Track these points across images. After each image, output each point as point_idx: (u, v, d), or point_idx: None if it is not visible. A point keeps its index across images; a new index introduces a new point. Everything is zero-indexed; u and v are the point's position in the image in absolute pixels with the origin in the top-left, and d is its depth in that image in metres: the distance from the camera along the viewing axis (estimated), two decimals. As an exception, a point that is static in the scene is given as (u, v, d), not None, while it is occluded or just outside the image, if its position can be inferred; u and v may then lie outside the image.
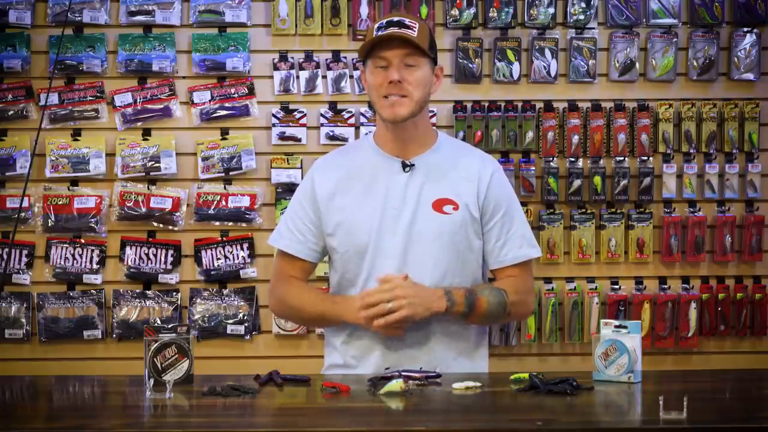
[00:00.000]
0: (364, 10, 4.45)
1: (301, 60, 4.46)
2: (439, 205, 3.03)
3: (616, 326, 2.78)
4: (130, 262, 4.42)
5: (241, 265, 4.43)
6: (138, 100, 4.43)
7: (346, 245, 3.04)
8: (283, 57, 4.46)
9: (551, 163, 4.47)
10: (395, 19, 2.99)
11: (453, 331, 3.05)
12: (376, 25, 2.99)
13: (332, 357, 3.12)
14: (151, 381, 2.64)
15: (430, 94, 3.04)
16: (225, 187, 4.44)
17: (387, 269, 3.00)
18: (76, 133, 4.43)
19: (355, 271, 3.05)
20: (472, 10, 4.45)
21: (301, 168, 4.40)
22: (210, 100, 4.45)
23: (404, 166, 3.06)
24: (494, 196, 3.07)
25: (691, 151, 4.51)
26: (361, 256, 3.03)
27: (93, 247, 4.42)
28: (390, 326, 2.91)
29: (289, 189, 4.39)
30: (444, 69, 3.15)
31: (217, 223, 4.44)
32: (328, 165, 3.16)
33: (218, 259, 4.43)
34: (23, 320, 4.39)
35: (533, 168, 4.47)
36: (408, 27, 2.96)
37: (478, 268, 3.10)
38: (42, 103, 4.35)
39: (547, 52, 4.48)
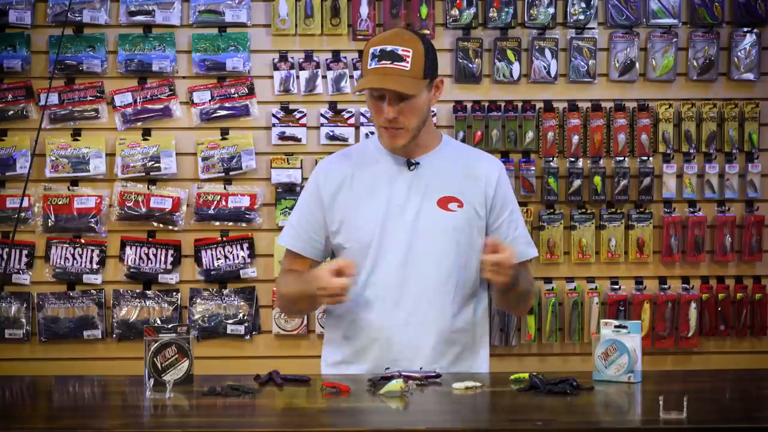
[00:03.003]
0: (364, 10, 4.45)
1: (301, 60, 4.46)
2: (444, 203, 3.04)
3: (616, 326, 2.78)
4: (130, 262, 4.42)
5: (241, 265, 4.43)
6: (138, 100, 4.43)
7: (350, 241, 3.05)
8: (283, 57, 4.46)
9: (551, 163, 4.47)
10: (388, 48, 2.95)
11: (454, 329, 3.05)
12: (371, 52, 2.97)
13: (331, 354, 3.12)
14: (151, 381, 2.64)
15: (429, 110, 3.05)
16: (225, 187, 4.44)
17: (390, 266, 3.01)
18: (76, 133, 4.43)
19: (358, 268, 3.05)
20: (472, 10, 4.45)
21: (301, 168, 4.40)
22: (210, 100, 4.45)
23: (409, 164, 3.07)
24: (501, 195, 3.08)
25: (691, 151, 4.51)
26: (364, 252, 3.03)
27: (93, 247, 4.42)
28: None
29: (289, 189, 4.40)
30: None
31: (217, 223, 4.44)
32: (333, 163, 3.18)
33: (218, 259, 4.43)
34: (23, 320, 4.39)
35: (533, 168, 4.47)
36: (401, 58, 2.94)
37: (478, 268, 3.10)
38: (42, 103, 4.35)
39: (547, 52, 4.48)
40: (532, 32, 4.49)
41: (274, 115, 4.45)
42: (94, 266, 4.42)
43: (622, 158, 4.49)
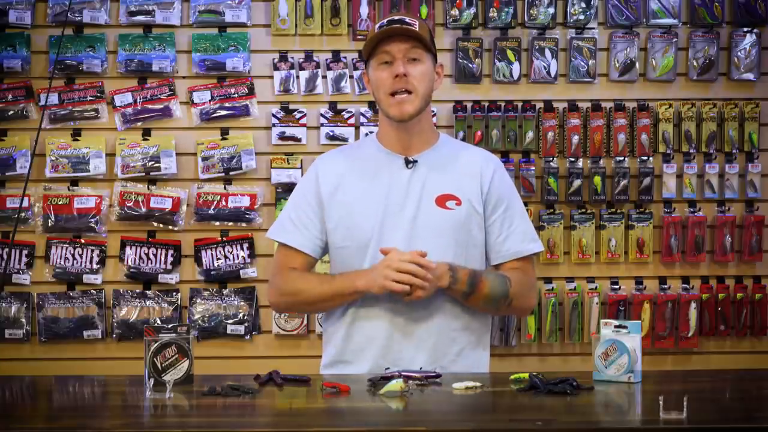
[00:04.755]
0: (364, 10, 4.45)
1: (301, 60, 4.46)
2: (442, 201, 3.04)
3: (616, 326, 2.78)
4: (130, 262, 4.42)
5: (241, 265, 4.43)
6: (138, 100, 4.43)
7: (348, 240, 3.05)
8: (283, 57, 4.46)
9: (551, 163, 4.47)
10: (396, 17, 3.05)
11: (454, 328, 3.05)
12: (378, 25, 3.04)
13: (331, 353, 3.12)
14: (151, 381, 2.64)
15: (433, 90, 3.07)
16: (225, 187, 4.44)
17: None
18: (76, 133, 4.43)
19: (356, 267, 3.04)
20: (472, 10, 4.45)
21: (301, 168, 4.41)
22: (210, 100, 4.45)
23: (407, 162, 3.07)
24: (496, 191, 3.08)
25: (691, 151, 4.51)
26: (363, 251, 3.03)
27: (93, 247, 4.42)
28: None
29: (289, 189, 4.40)
30: (444, 70, 3.17)
31: (217, 223, 4.44)
32: (332, 160, 3.18)
33: (218, 259, 4.43)
34: (23, 320, 4.39)
35: (533, 168, 4.47)
36: (409, 24, 3.01)
37: (482, 264, 3.11)
38: (42, 103, 4.36)
39: (547, 52, 4.48)
40: (532, 32, 4.49)
41: (274, 115, 4.45)
42: (94, 266, 4.42)
43: (622, 158, 4.49)
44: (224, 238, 4.44)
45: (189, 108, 4.46)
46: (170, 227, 4.43)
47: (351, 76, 4.47)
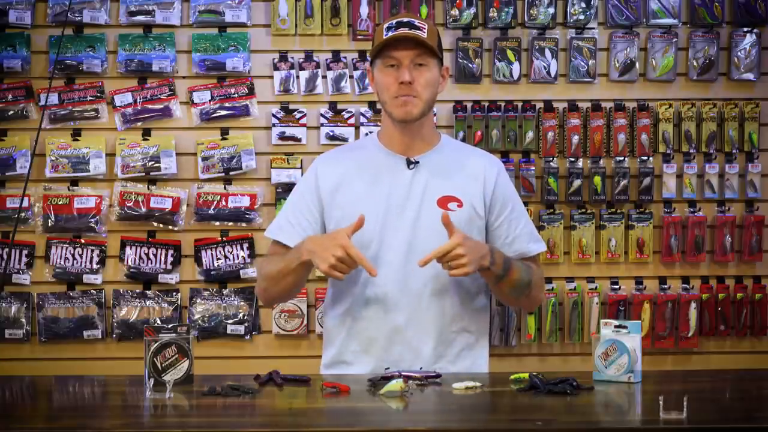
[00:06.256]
0: (364, 10, 4.45)
1: (301, 60, 4.46)
2: (443, 202, 3.04)
3: (616, 326, 2.78)
4: (130, 262, 4.42)
5: (241, 265, 4.43)
6: (138, 100, 4.43)
7: None
8: (283, 57, 4.46)
9: (551, 163, 4.47)
10: (405, 19, 3.02)
11: (454, 329, 3.05)
12: (386, 25, 3.02)
13: (331, 354, 3.12)
14: (151, 381, 2.64)
15: (437, 94, 3.07)
16: (225, 187, 4.44)
17: (390, 265, 3.00)
18: (76, 133, 4.43)
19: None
20: (472, 10, 4.45)
21: (301, 168, 4.41)
22: (210, 100, 4.45)
23: (409, 163, 3.07)
24: (501, 194, 3.08)
25: (691, 151, 4.51)
26: (364, 251, 3.01)
27: (93, 247, 4.42)
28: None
29: (289, 189, 4.39)
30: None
31: (217, 223, 4.44)
32: (333, 159, 3.18)
33: (218, 259, 4.43)
34: (23, 320, 4.39)
35: (533, 168, 4.47)
36: (418, 28, 2.99)
37: (480, 267, 3.11)
38: (42, 103, 4.36)
39: (547, 52, 4.48)
40: (532, 32, 4.50)
41: (274, 115, 4.45)
42: (94, 266, 4.42)
43: (622, 158, 4.49)
44: (224, 238, 4.44)
45: (189, 108, 4.46)
46: (170, 227, 4.43)
47: (351, 76, 4.47)
